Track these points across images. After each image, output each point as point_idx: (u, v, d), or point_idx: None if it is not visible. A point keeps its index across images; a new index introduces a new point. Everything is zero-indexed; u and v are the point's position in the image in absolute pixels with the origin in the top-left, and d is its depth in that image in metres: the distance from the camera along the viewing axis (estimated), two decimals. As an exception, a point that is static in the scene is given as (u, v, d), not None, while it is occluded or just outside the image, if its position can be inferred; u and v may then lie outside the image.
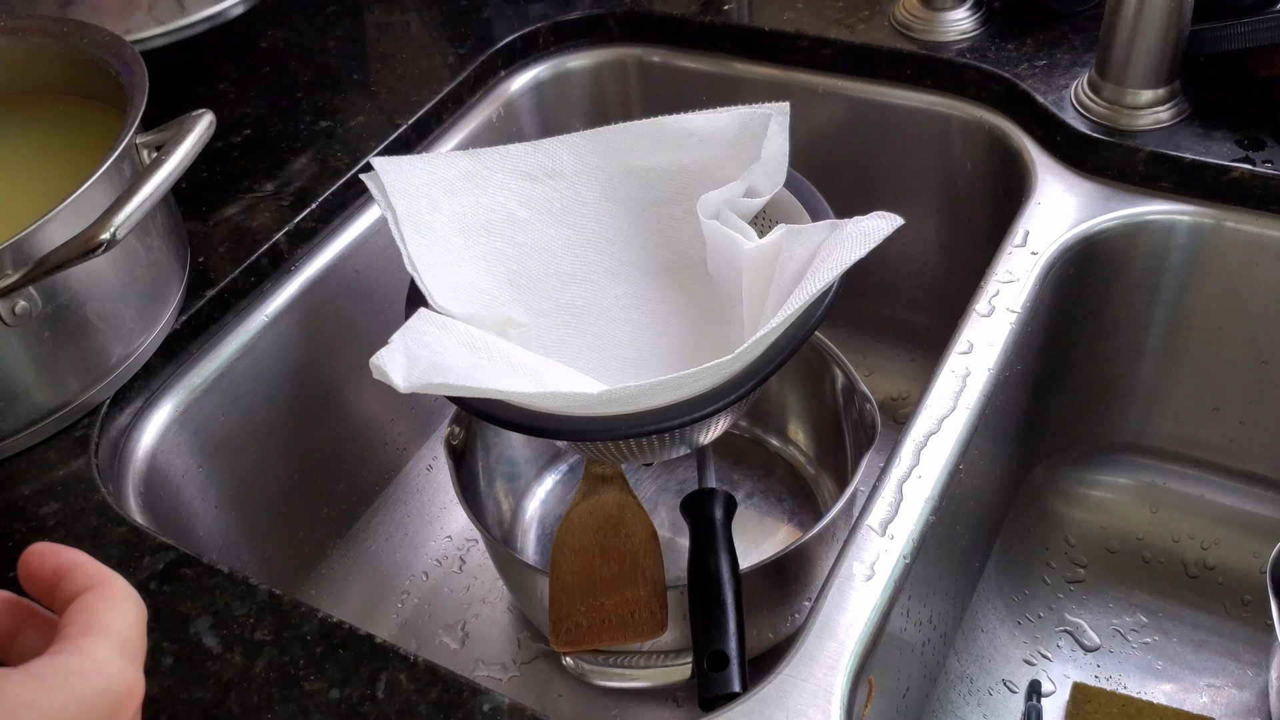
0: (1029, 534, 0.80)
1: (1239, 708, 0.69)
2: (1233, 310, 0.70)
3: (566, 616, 0.62)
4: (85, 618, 0.38)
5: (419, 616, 0.79)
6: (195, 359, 0.67)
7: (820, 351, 0.75)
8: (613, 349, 0.66)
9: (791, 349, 0.53)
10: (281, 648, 0.50)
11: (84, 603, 0.39)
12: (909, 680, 0.62)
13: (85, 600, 0.39)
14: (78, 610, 0.38)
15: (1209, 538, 0.78)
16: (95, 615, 0.38)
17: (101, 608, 0.38)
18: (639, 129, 0.66)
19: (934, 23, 0.80)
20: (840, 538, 0.61)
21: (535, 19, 0.88)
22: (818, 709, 0.46)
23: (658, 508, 0.81)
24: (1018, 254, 0.66)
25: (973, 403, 0.58)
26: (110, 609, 0.39)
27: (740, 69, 0.85)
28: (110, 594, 0.39)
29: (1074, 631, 0.74)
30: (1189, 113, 0.70)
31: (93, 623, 0.38)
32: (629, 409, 0.52)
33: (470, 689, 0.47)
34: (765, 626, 0.69)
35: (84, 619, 0.38)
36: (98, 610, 0.38)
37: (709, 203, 0.62)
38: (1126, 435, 0.80)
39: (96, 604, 0.39)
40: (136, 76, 0.63)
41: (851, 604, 0.50)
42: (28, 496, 0.58)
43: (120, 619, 0.39)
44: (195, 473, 0.67)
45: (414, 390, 0.51)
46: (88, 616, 0.38)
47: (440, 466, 0.88)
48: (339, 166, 0.75)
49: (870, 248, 0.52)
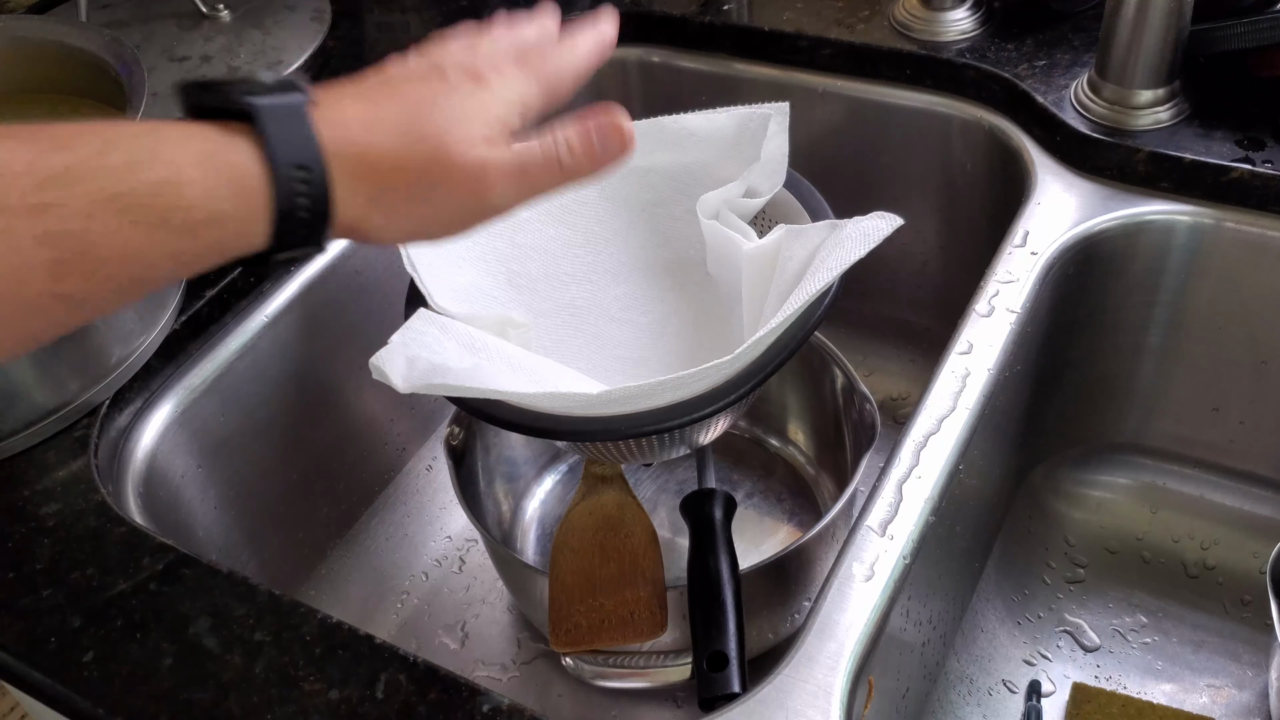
0: (1029, 534, 0.80)
1: (1239, 708, 0.69)
2: (1233, 310, 0.70)
3: (566, 617, 0.62)
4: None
5: (419, 617, 0.79)
6: (195, 359, 0.67)
7: (820, 351, 0.75)
8: (612, 349, 0.66)
9: (791, 349, 0.53)
10: (281, 648, 0.50)
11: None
12: (909, 680, 0.62)
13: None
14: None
15: (1209, 538, 0.78)
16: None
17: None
18: (639, 129, 0.66)
19: (934, 23, 0.80)
20: (840, 538, 0.61)
21: (535, 19, 0.87)
22: (817, 709, 0.46)
23: (658, 508, 0.81)
24: (1017, 254, 0.66)
25: (972, 403, 0.58)
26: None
27: (740, 69, 0.85)
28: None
29: (1074, 632, 0.74)
30: (1189, 113, 0.70)
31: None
32: (629, 409, 0.52)
33: (470, 689, 0.47)
34: (765, 627, 0.69)
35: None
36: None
37: (708, 203, 0.62)
38: (1126, 435, 0.80)
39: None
40: (136, 76, 0.63)
41: (851, 604, 0.50)
42: (28, 497, 0.58)
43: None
44: (195, 473, 0.67)
45: (413, 391, 0.51)
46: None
47: (440, 466, 0.88)
48: (339, 167, 0.75)
49: (870, 248, 0.52)
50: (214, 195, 0.33)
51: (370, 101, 0.38)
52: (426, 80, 0.39)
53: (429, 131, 0.38)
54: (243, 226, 0.34)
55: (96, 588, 0.53)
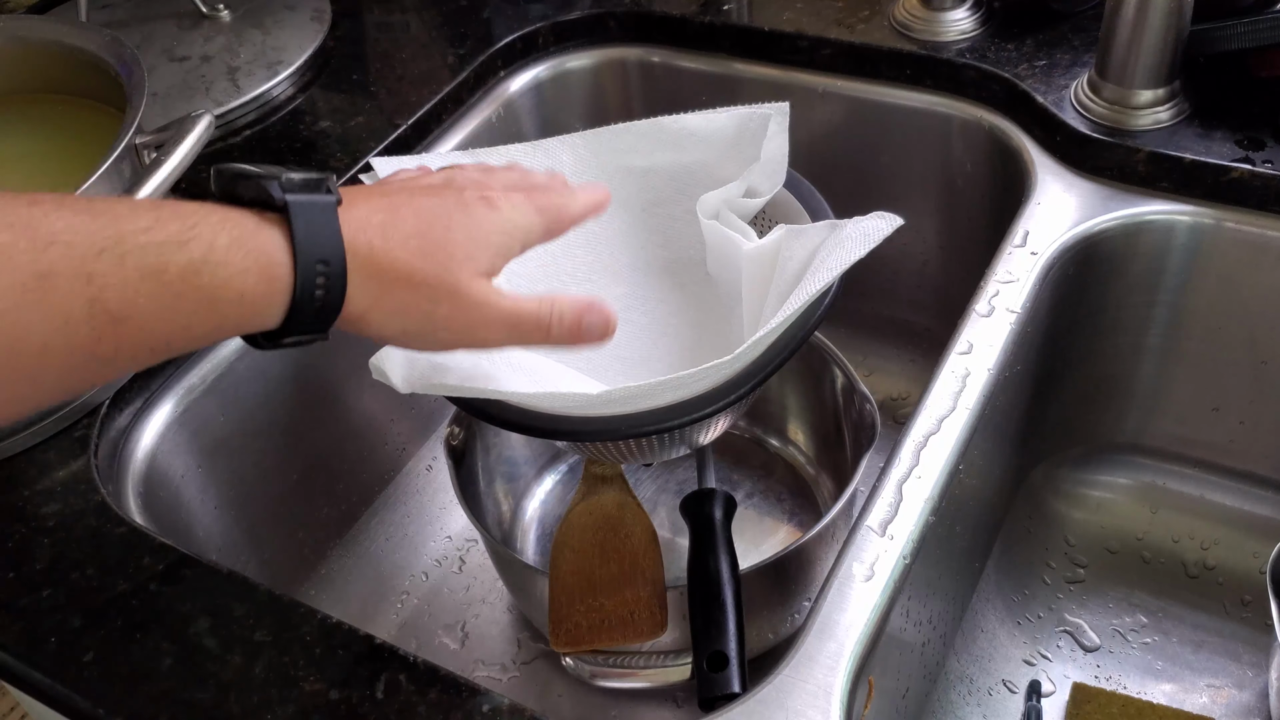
0: (1029, 534, 0.80)
1: (1239, 708, 0.69)
2: (1233, 310, 0.70)
3: (566, 617, 0.62)
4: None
5: (419, 617, 0.79)
6: (195, 359, 0.67)
7: (820, 351, 0.75)
8: (612, 349, 0.66)
9: (791, 349, 0.53)
10: (281, 648, 0.50)
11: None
12: (909, 680, 0.62)
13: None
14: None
15: (1209, 538, 0.78)
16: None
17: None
18: (639, 129, 0.66)
19: (934, 23, 0.80)
20: (840, 538, 0.61)
21: (535, 19, 0.87)
22: (817, 709, 0.46)
23: (658, 508, 0.81)
24: (1017, 254, 0.66)
25: (972, 403, 0.58)
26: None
27: (740, 69, 0.85)
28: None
29: (1074, 632, 0.74)
30: (1189, 113, 0.70)
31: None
32: (628, 409, 0.52)
33: (470, 689, 0.47)
34: (765, 627, 0.69)
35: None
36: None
37: (708, 203, 0.62)
38: (1126, 435, 0.80)
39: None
40: (136, 76, 0.63)
41: (851, 604, 0.50)
42: (28, 497, 0.58)
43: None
44: (195, 473, 0.67)
45: (413, 391, 0.51)
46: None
47: (440, 466, 0.88)
48: (338, 166, 0.75)
49: (870, 248, 0.52)
50: (243, 276, 0.37)
51: (391, 211, 0.41)
52: (443, 196, 0.43)
53: (440, 253, 0.41)
54: (262, 307, 0.38)
55: (96, 588, 0.53)
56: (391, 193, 0.43)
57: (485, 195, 0.44)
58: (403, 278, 0.41)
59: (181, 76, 0.82)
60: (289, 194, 0.38)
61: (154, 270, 0.35)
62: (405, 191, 0.43)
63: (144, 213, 0.36)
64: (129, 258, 0.34)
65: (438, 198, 0.43)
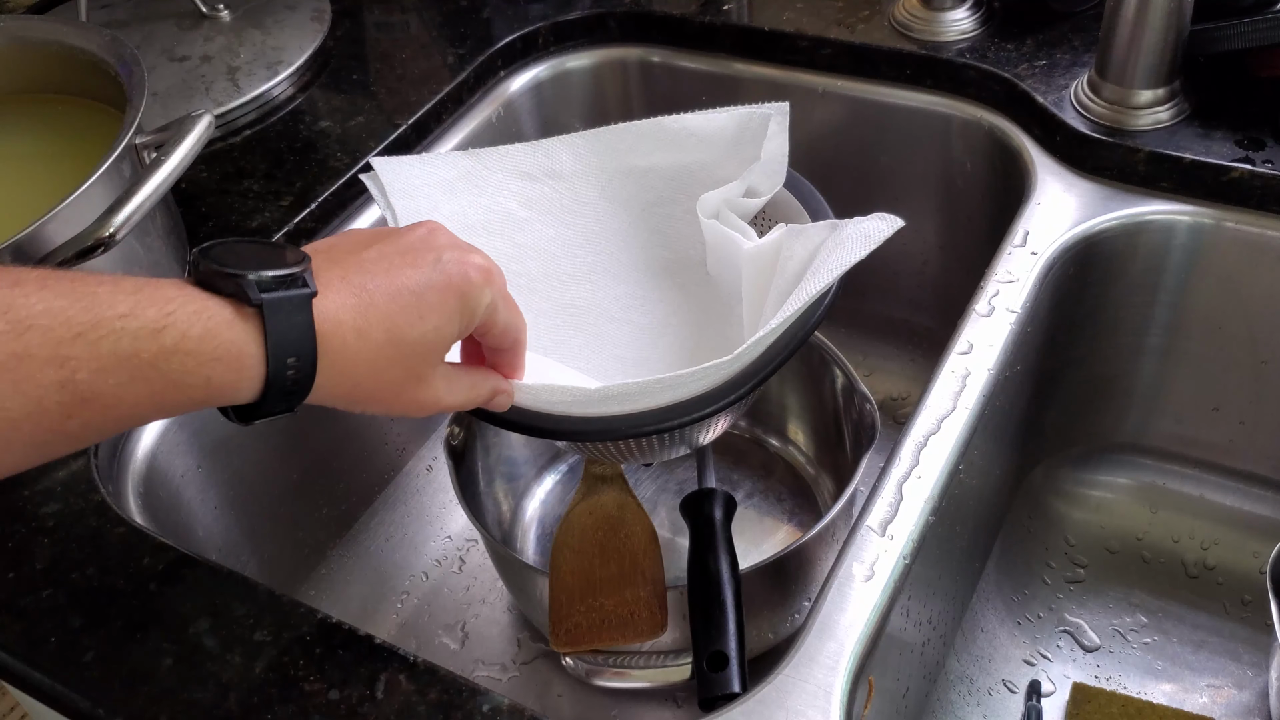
0: (1029, 534, 0.80)
1: (1239, 708, 0.69)
2: (1233, 310, 0.70)
3: (566, 617, 0.62)
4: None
5: (419, 617, 0.79)
6: (195, 359, 0.67)
7: (820, 351, 0.75)
8: (612, 349, 0.66)
9: (791, 349, 0.53)
10: (281, 648, 0.50)
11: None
12: (909, 680, 0.62)
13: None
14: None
15: (1209, 538, 0.78)
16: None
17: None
18: (639, 129, 0.66)
19: (934, 23, 0.80)
20: (840, 538, 0.61)
21: (535, 19, 0.87)
22: (817, 709, 0.46)
23: (658, 508, 0.81)
24: (1017, 254, 0.66)
25: (972, 403, 0.58)
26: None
27: (740, 69, 0.85)
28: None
29: (1074, 631, 0.74)
30: (1189, 113, 0.70)
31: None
32: (627, 408, 0.52)
33: (470, 689, 0.47)
34: (765, 627, 0.69)
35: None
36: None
37: (709, 203, 0.62)
38: (1126, 435, 0.80)
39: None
40: (136, 76, 0.63)
41: (851, 604, 0.50)
42: (28, 497, 0.58)
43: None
44: (195, 473, 0.67)
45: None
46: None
47: (440, 466, 0.88)
48: (338, 166, 0.75)
49: (870, 250, 0.52)
50: (214, 365, 0.38)
51: (365, 297, 0.42)
52: (419, 268, 0.44)
53: (411, 357, 0.44)
54: (230, 393, 0.40)
55: (96, 588, 0.53)
56: (369, 267, 0.43)
57: (463, 261, 0.45)
58: (370, 376, 0.43)
59: (181, 76, 0.82)
60: (265, 293, 0.39)
61: (126, 355, 0.37)
62: (384, 263, 0.44)
63: (124, 296, 0.37)
64: (103, 342, 0.36)
65: (415, 269, 0.44)
